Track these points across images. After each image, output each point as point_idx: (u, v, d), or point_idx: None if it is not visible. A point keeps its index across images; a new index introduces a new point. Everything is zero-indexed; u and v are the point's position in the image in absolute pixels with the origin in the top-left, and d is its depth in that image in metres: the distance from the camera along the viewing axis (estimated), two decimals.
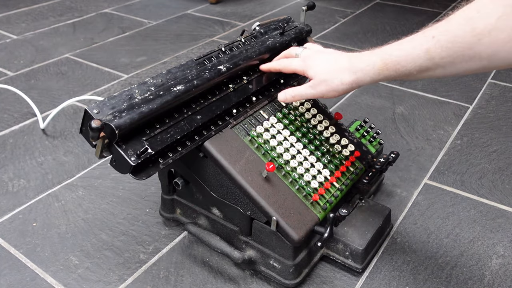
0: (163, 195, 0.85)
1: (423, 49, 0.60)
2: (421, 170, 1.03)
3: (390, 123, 1.20)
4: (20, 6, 2.03)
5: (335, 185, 0.79)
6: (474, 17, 0.55)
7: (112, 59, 1.54)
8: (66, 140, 1.12)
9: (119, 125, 0.60)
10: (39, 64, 1.50)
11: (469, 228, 0.87)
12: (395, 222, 0.88)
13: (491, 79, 1.43)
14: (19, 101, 1.28)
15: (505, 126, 1.19)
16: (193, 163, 0.75)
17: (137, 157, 0.62)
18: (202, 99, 0.73)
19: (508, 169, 1.03)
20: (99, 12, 1.97)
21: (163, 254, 0.81)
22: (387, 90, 1.36)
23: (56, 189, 0.97)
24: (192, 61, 0.75)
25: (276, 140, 0.78)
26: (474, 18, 0.55)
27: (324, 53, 0.72)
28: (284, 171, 0.75)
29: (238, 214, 0.75)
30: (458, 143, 1.12)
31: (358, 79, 0.66)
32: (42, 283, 0.76)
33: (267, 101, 0.83)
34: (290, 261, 0.72)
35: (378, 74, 0.64)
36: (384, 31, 1.79)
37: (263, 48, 0.82)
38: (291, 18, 0.93)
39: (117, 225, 0.88)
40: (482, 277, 0.77)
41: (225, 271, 0.78)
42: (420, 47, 0.60)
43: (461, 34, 0.56)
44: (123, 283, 0.76)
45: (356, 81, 0.66)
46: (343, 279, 0.77)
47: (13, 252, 0.82)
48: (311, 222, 0.73)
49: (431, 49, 0.59)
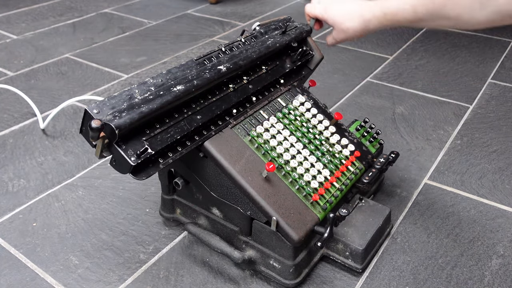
0: (163, 195, 0.85)
1: (410, 4, 0.74)
2: (421, 170, 1.03)
3: (390, 123, 1.20)
4: (20, 6, 2.03)
5: (335, 185, 0.79)
6: None
7: (112, 59, 1.54)
8: (66, 140, 1.12)
9: (119, 125, 0.60)
10: (39, 64, 1.50)
11: (469, 228, 0.87)
12: (395, 222, 0.88)
13: (491, 79, 1.43)
14: (19, 101, 1.28)
15: (505, 126, 1.19)
16: (193, 163, 0.75)
17: (137, 157, 0.62)
18: (202, 99, 0.73)
19: (508, 169, 1.03)
20: (99, 12, 1.97)
21: (163, 254, 0.81)
22: (387, 90, 1.36)
23: (56, 189, 0.97)
24: (192, 61, 0.75)
25: (276, 140, 0.78)
26: None
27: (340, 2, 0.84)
28: (284, 171, 0.75)
29: (238, 214, 0.75)
30: (458, 143, 1.12)
31: (366, 27, 0.80)
32: (42, 283, 0.76)
33: (267, 101, 0.83)
34: (290, 261, 0.72)
35: (380, 23, 0.79)
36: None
37: (263, 48, 0.82)
38: (291, 18, 0.93)
39: (117, 225, 0.88)
40: (482, 277, 0.77)
41: (225, 271, 0.78)
42: (409, 2, 0.74)
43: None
44: (123, 283, 0.76)
45: (365, 29, 0.80)
46: (343, 279, 0.77)
47: (13, 252, 0.82)
48: (311, 222, 0.73)
49: (416, 6, 0.73)
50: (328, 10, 0.84)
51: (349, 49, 1.64)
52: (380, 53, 1.60)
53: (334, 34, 0.85)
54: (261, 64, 0.83)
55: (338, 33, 0.84)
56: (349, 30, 0.81)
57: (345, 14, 0.81)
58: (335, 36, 0.85)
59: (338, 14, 0.82)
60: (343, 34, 0.83)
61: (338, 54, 1.59)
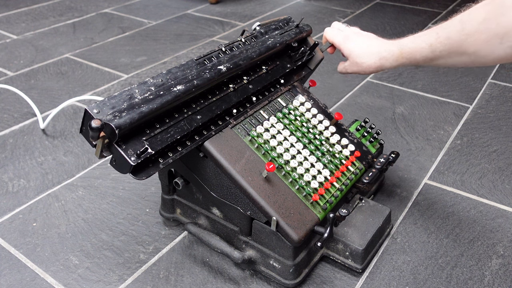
0: (163, 195, 0.85)
1: (428, 43, 0.73)
2: (421, 170, 1.03)
3: (390, 123, 1.20)
4: (20, 6, 2.03)
5: (335, 185, 0.79)
6: (465, 19, 0.68)
7: (112, 59, 1.54)
8: (66, 140, 1.12)
9: (119, 125, 0.60)
10: (39, 64, 1.50)
11: (469, 228, 0.87)
12: (395, 222, 0.88)
13: (491, 79, 1.43)
14: (19, 101, 1.28)
15: (505, 126, 1.19)
16: (193, 163, 0.75)
17: (137, 157, 0.62)
18: (202, 99, 0.73)
19: (508, 169, 1.03)
20: (99, 12, 1.97)
21: (163, 254, 0.81)
22: (387, 90, 1.36)
23: (56, 189, 0.97)
24: (192, 61, 0.75)
25: (276, 140, 0.78)
26: (464, 20, 0.68)
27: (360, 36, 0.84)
28: (284, 171, 0.75)
29: (238, 214, 0.75)
30: (458, 143, 1.12)
31: (382, 64, 0.80)
32: (42, 283, 0.76)
33: (267, 101, 0.83)
34: (290, 261, 0.72)
35: (396, 61, 0.78)
36: (384, 31, 1.79)
37: (263, 48, 0.82)
38: (291, 18, 0.93)
39: (117, 225, 0.88)
40: (482, 277, 0.77)
41: (225, 271, 0.78)
42: (426, 41, 0.74)
43: (454, 33, 0.70)
44: (123, 283, 0.76)
45: (380, 66, 0.80)
46: (343, 279, 0.77)
47: (13, 252, 0.82)
48: (311, 222, 0.73)
49: (433, 43, 0.73)
50: (348, 42, 0.83)
51: None
52: None
53: (347, 65, 0.85)
54: (261, 64, 0.83)
55: (351, 66, 0.84)
56: (363, 65, 0.81)
57: (364, 49, 0.81)
58: (348, 68, 0.85)
59: (356, 47, 0.82)
60: (356, 67, 0.83)
61: (338, 54, 1.59)
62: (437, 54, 0.73)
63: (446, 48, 0.71)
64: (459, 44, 0.70)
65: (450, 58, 0.72)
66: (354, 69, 0.84)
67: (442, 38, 0.71)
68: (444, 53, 0.72)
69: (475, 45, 0.68)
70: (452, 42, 0.70)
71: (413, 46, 0.76)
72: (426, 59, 0.75)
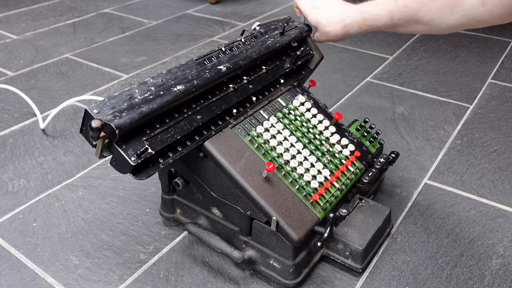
0: (163, 195, 0.85)
1: (387, 10, 0.77)
2: (421, 170, 1.03)
3: (390, 123, 1.20)
4: (20, 6, 2.03)
5: (335, 185, 0.79)
6: None
7: (112, 59, 1.54)
8: (66, 140, 1.12)
9: (119, 125, 0.60)
10: (39, 64, 1.50)
11: (469, 228, 0.87)
12: (395, 222, 0.88)
13: (491, 79, 1.43)
14: (19, 101, 1.28)
15: (505, 126, 1.19)
16: (193, 163, 0.75)
17: (137, 157, 0.62)
18: (202, 99, 0.73)
19: (508, 169, 1.03)
20: (99, 12, 1.97)
21: (163, 254, 0.81)
22: (387, 90, 1.36)
23: (56, 189, 0.97)
24: (192, 61, 0.75)
25: (276, 140, 0.78)
26: None
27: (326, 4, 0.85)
28: (284, 171, 0.75)
29: (238, 214, 0.75)
30: (458, 143, 1.12)
31: (347, 31, 0.83)
32: (42, 283, 0.76)
33: (267, 101, 0.83)
34: (290, 261, 0.72)
35: (360, 28, 0.82)
36: None
37: (263, 48, 0.82)
38: (291, 18, 0.93)
39: (117, 225, 0.88)
40: (482, 277, 0.77)
41: (225, 271, 0.78)
42: (386, 9, 0.77)
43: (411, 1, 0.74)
44: (123, 283, 0.76)
45: (346, 33, 0.83)
46: (343, 279, 0.77)
47: (13, 252, 0.82)
48: (311, 222, 0.73)
49: (392, 10, 0.77)
50: (314, 12, 0.85)
51: (349, 49, 1.64)
52: (380, 53, 1.60)
53: (318, 35, 0.87)
54: (261, 64, 0.83)
55: (321, 35, 0.86)
56: (330, 34, 0.84)
57: (328, 19, 0.83)
58: (319, 37, 0.87)
59: (322, 17, 0.84)
60: (325, 36, 0.85)
61: (338, 54, 1.59)
62: (396, 22, 0.77)
63: (403, 16, 0.76)
64: (415, 12, 0.74)
65: (408, 26, 0.77)
66: (324, 38, 0.86)
67: (400, 6, 0.75)
68: (402, 21, 0.76)
69: (429, 14, 0.73)
70: (409, 10, 0.74)
71: (374, 13, 0.79)
72: (387, 26, 0.79)
